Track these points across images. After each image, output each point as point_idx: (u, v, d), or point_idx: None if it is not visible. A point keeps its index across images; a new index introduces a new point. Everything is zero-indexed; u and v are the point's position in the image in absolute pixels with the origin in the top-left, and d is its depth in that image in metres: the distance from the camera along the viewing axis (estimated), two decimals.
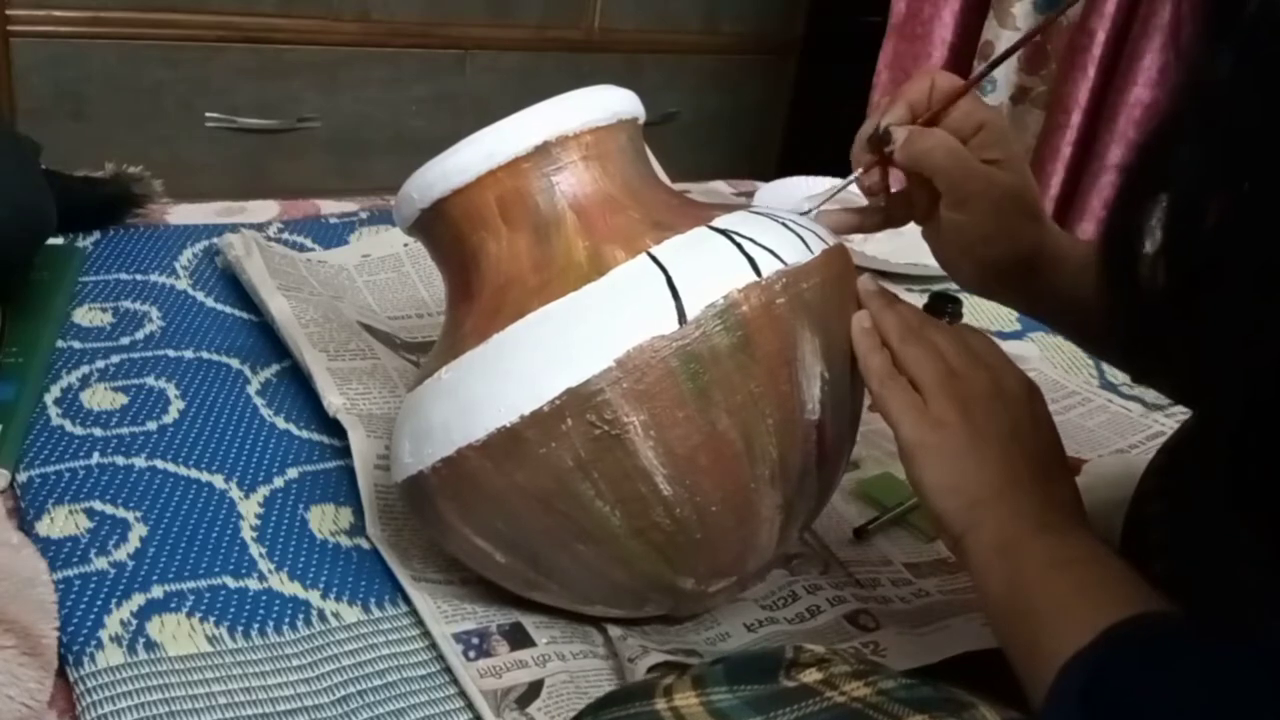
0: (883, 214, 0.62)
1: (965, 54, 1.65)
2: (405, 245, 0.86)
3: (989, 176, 0.56)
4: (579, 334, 0.45)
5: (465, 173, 0.49)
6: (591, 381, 0.44)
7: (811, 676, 0.38)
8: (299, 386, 0.69)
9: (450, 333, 0.52)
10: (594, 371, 0.44)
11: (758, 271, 0.46)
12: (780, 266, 0.47)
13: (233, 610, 0.51)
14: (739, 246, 0.47)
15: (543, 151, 0.49)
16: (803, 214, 0.57)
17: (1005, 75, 1.62)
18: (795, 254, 0.48)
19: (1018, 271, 0.58)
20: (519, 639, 0.52)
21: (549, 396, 0.44)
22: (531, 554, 0.49)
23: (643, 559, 0.48)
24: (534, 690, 0.49)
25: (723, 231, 0.48)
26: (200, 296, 0.77)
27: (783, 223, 0.51)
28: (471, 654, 0.50)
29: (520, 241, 0.49)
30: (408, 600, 0.53)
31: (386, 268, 0.84)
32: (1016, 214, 0.56)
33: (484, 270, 0.50)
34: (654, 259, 0.47)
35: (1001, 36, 1.59)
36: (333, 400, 0.64)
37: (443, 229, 0.52)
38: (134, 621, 0.49)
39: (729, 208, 0.52)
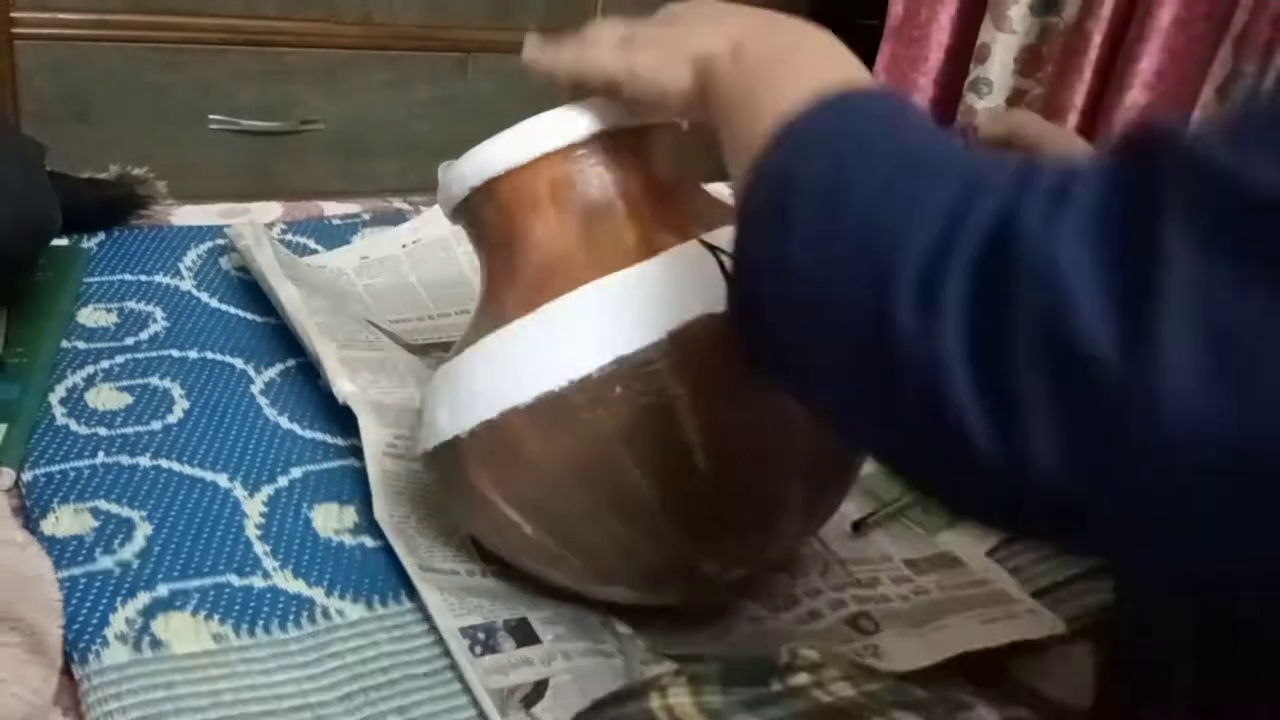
0: None
1: (962, 57, 1.66)
2: (404, 246, 0.86)
3: (1076, 137, 0.59)
4: (633, 306, 0.46)
5: (521, 154, 0.50)
6: (644, 351, 0.45)
7: (802, 680, 0.39)
8: (303, 386, 0.69)
9: (490, 309, 0.52)
10: (647, 342, 0.45)
11: None
12: None
13: (237, 608, 0.52)
14: None
15: (599, 140, 0.50)
16: None
17: (1001, 78, 1.62)
18: None
19: None
20: (524, 636, 0.52)
21: (600, 363, 0.45)
22: (560, 526, 0.49)
23: (671, 535, 0.49)
24: (539, 690, 0.49)
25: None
26: (204, 297, 0.78)
27: None
28: (478, 650, 0.51)
29: (569, 223, 0.50)
30: (412, 596, 0.54)
31: (385, 270, 0.84)
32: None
33: (529, 251, 0.51)
34: (707, 245, 0.48)
35: (998, 39, 1.60)
36: (343, 387, 0.63)
37: (491, 209, 0.52)
38: (139, 619, 0.50)
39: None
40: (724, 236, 0.49)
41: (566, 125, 0.50)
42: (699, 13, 0.47)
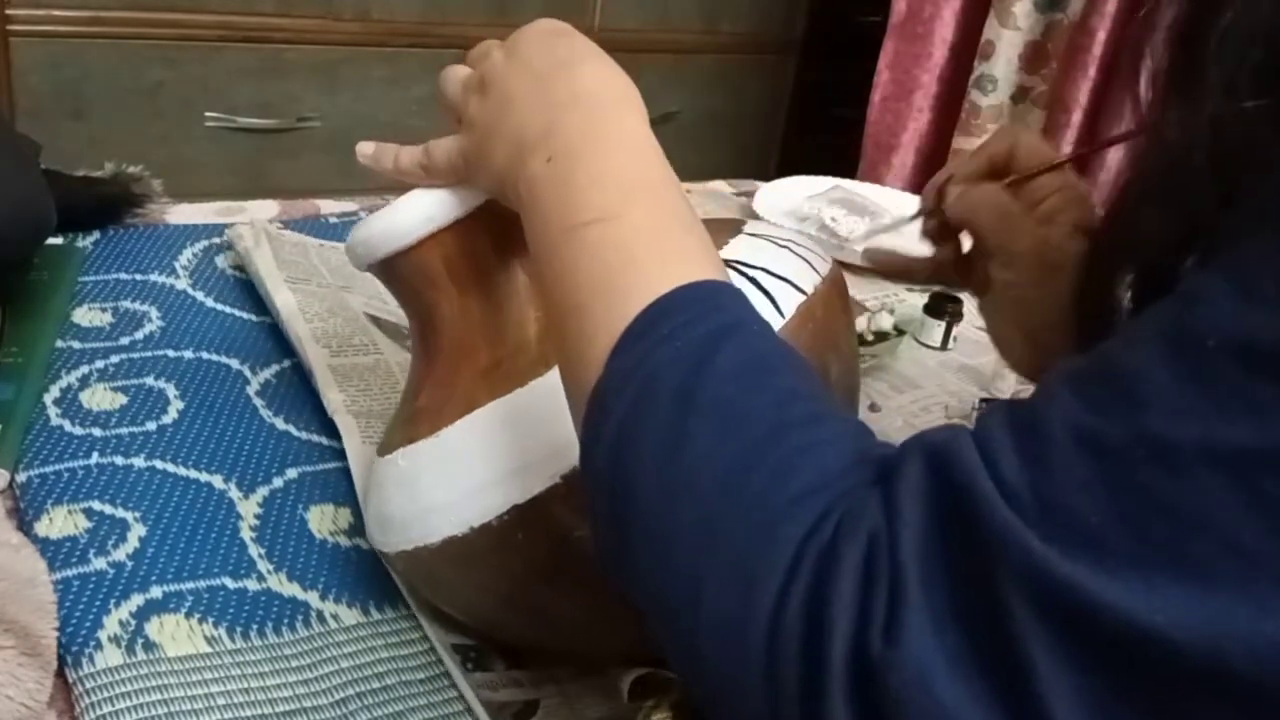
0: (933, 268, 0.61)
1: (966, 54, 1.65)
2: None
3: (1040, 236, 0.54)
4: (526, 445, 0.44)
5: (407, 236, 0.48)
6: (539, 498, 0.43)
7: None
8: (299, 387, 0.69)
9: (411, 394, 0.51)
10: (540, 489, 0.43)
11: (781, 312, 0.45)
12: (801, 299, 0.46)
13: (231, 611, 0.51)
14: (754, 282, 0.45)
15: (488, 210, 0.47)
16: (851, 243, 0.56)
17: (1006, 75, 1.62)
18: (808, 279, 0.47)
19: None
20: (514, 659, 0.52)
21: (497, 512, 0.44)
22: (501, 630, 0.50)
23: (612, 645, 0.48)
24: (531, 708, 0.49)
25: (729, 264, 0.46)
26: (200, 296, 0.77)
27: (753, 278, 0.49)
28: (470, 665, 0.50)
29: (473, 306, 0.48)
30: (407, 603, 0.53)
31: None
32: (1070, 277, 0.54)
33: (439, 331, 0.49)
34: None
35: (1002, 36, 1.59)
36: (332, 398, 0.64)
37: (395, 283, 0.51)
38: (133, 622, 0.49)
39: (719, 230, 0.50)
40: None
41: (446, 201, 0.47)
42: (502, 73, 0.44)
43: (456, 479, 0.45)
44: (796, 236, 0.54)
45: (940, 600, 0.27)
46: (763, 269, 0.49)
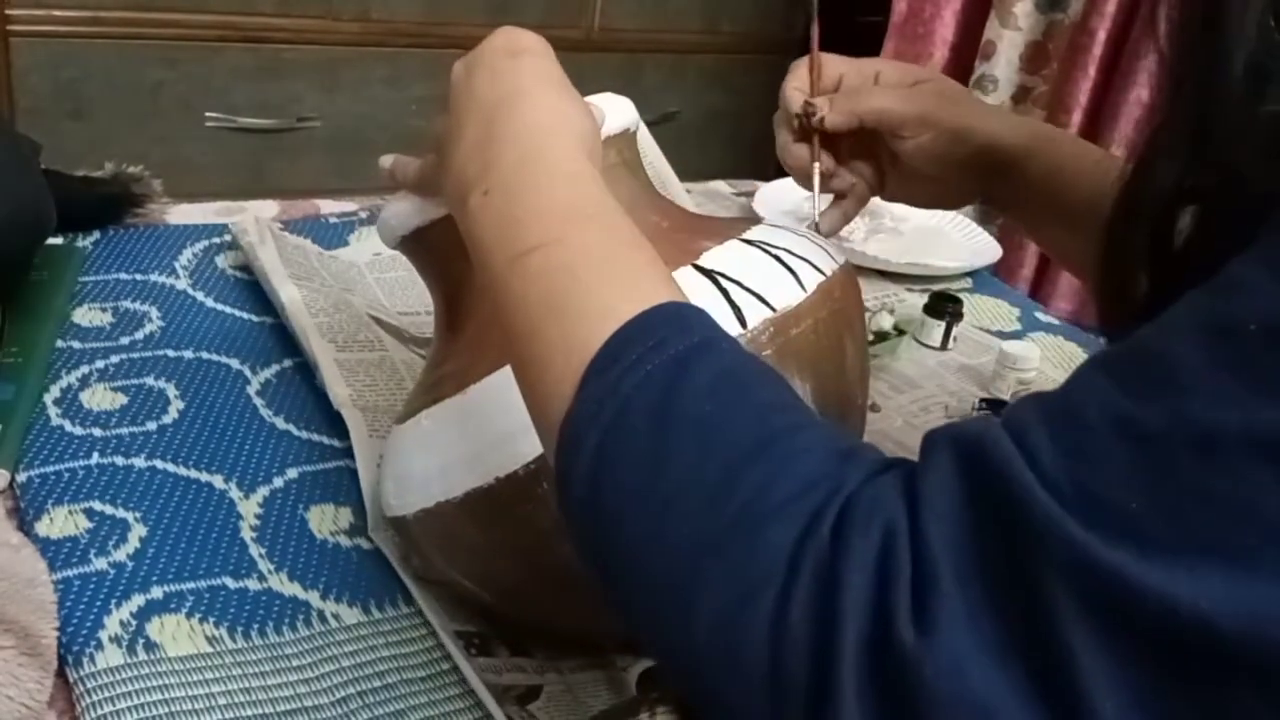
0: (840, 205, 0.65)
1: (967, 54, 1.65)
2: None
3: (917, 90, 0.61)
4: None
5: (439, 207, 0.49)
6: None
7: None
8: (299, 386, 0.69)
9: (435, 364, 0.51)
10: None
11: (743, 323, 0.45)
12: (768, 315, 0.46)
13: (232, 611, 0.51)
14: (725, 293, 0.46)
15: None
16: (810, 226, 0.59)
17: (1006, 75, 1.62)
18: (785, 296, 0.47)
19: (988, 165, 0.61)
20: (518, 647, 0.52)
21: (524, 461, 0.44)
22: (518, 599, 0.50)
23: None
24: (533, 692, 0.49)
25: (708, 273, 0.47)
26: (200, 296, 0.77)
27: (776, 255, 0.49)
28: (473, 650, 0.50)
29: None
30: (408, 601, 0.53)
31: (397, 265, 0.84)
32: (964, 106, 0.62)
33: (467, 301, 0.50)
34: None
35: (1003, 36, 1.59)
36: (338, 392, 0.64)
37: (425, 255, 0.52)
38: (133, 622, 0.49)
39: (722, 232, 0.50)
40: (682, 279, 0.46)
41: None
42: (458, 97, 0.45)
43: (483, 430, 0.45)
44: (809, 233, 0.55)
45: (975, 591, 0.27)
46: (785, 249, 0.50)
